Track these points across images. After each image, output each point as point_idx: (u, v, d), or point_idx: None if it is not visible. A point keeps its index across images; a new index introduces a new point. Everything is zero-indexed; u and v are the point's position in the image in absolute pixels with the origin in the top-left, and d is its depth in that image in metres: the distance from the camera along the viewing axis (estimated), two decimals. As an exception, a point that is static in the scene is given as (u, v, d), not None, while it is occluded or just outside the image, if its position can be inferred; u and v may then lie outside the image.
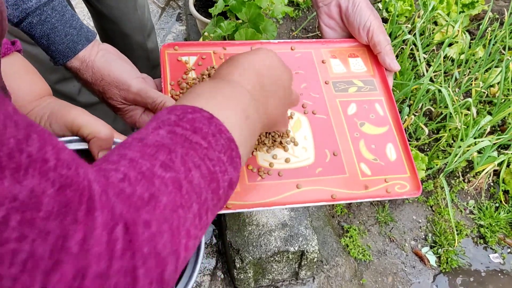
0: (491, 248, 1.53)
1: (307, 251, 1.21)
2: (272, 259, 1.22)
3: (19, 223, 0.26)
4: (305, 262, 1.27)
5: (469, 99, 1.50)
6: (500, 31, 1.76)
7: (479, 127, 1.51)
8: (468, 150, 1.48)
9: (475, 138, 1.50)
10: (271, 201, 0.70)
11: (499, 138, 1.53)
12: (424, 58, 1.79)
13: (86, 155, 0.58)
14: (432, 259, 1.50)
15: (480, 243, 1.54)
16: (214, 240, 1.48)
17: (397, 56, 1.77)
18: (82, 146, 0.57)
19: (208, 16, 1.60)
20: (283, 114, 0.61)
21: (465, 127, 1.53)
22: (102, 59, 0.69)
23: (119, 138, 0.60)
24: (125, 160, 0.38)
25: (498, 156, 1.54)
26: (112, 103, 0.71)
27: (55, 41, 0.65)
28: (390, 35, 1.90)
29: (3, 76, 0.55)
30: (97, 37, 0.71)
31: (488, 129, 1.60)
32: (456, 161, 1.50)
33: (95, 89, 0.71)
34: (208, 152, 0.42)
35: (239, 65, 0.54)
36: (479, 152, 1.53)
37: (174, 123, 0.43)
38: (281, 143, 0.75)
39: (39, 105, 0.61)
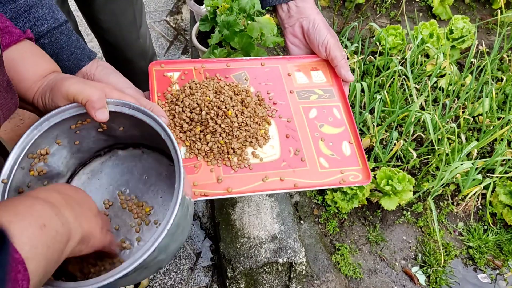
0: (479, 269, 1.57)
1: (295, 263, 1.28)
2: (262, 270, 1.29)
3: None
4: (294, 275, 1.33)
5: (453, 124, 1.58)
6: (488, 63, 1.86)
7: (466, 152, 1.59)
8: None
9: (462, 163, 1.57)
10: (241, 190, 0.80)
11: (484, 162, 1.60)
12: (417, 89, 1.89)
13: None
14: (421, 278, 1.54)
15: (469, 264, 1.59)
16: (211, 255, 1.56)
17: (389, 86, 1.88)
18: (80, 111, 0.68)
19: (208, 47, 1.73)
20: (96, 228, 0.64)
21: (452, 151, 1.61)
22: (101, 73, 0.81)
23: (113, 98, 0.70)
24: None
25: (484, 179, 1.61)
26: None
27: (63, 58, 0.78)
28: (383, 66, 2.01)
29: (14, 63, 0.66)
30: (97, 56, 0.84)
31: (478, 156, 1.68)
32: (442, 184, 1.57)
33: None
34: None
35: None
36: (465, 175, 1.60)
37: None
38: (251, 142, 0.86)
39: (43, 83, 0.71)
